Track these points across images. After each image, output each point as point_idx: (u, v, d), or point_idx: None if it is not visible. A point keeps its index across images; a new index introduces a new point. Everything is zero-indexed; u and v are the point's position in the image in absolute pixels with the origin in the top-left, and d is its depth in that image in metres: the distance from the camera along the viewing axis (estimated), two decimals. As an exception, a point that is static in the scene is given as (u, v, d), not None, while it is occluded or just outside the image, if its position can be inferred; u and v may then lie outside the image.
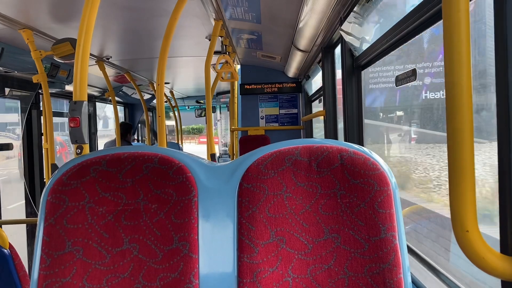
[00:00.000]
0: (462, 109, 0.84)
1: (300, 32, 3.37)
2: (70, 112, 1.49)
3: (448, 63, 0.88)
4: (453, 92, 0.86)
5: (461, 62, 0.87)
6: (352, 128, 2.66)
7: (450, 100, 0.86)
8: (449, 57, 0.88)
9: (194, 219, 1.26)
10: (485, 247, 0.83)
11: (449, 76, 0.87)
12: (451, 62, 0.88)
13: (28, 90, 4.26)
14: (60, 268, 1.22)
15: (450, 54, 0.88)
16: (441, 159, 2.80)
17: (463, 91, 0.85)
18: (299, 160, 1.27)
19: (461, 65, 0.87)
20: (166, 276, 1.24)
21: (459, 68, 0.87)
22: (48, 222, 1.24)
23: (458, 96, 0.85)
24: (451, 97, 0.86)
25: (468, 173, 0.83)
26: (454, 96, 0.85)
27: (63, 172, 1.28)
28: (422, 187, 3.07)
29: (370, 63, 2.45)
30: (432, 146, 3.07)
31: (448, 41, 0.88)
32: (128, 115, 8.47)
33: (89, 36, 1.64)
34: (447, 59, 0.88)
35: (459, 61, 0.87)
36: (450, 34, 0.88)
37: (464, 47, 0.87)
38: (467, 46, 0.87)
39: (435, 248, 2.46)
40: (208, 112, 3.43)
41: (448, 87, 0.87)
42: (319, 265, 1.24)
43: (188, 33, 3.70)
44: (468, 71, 0.86)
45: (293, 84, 5.91)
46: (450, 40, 0.88)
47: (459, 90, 0.86)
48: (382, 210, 1.22)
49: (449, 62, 0.88)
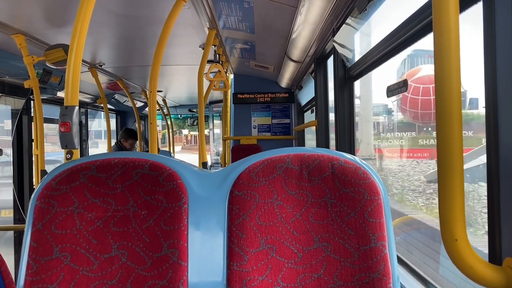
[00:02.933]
0: (451, 120, 0.85)
1: (293, 43, 3.39)
2: (61, 117, 1.49)
3: (438, 73, 0.89)
4: (443, 103, 0.87)
5: (451, 74, 0.88)
6: (344, 137, 2.67)
7: (440, 111, 0.87)
8: (439, 68, 0.89)
9: (183, 226, 1.25)
10: (474, 256, 0.84)
11: (439, 88, 0.88)
12: (441, 71, 0.89)
13: (19, 96, 4.23)
14: (47, 274, 1.21)
15: (440, 65, 0.89)
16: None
17: (452, 103, 0.86)
18: (290, 168, 1.27)
19: (451, 76, 0.88)
20: (154, 283, 1.23)
21: (449, 80, 0.88)
22: (36, 227, 1.23)
23: (447, 107, 0.86)
24: (441, 109, 0.87)
25: (457, 182, 0.83)
26: (444, 108, 0.86)
27: (52, 177, 1.27)
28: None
29: (362, 74, 2.47)
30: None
31: (438, 52, 0.89)
32: (120, 123, 8.43)
33: (82, 42, 1.64)
34: (437, 70, 0.89)
35: (449, 72, 0.88)
36: (440, 46, 0.89)
37: (454, 58, 0.88)
38: (457, 58, 0.88)
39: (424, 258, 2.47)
40: (201, 121, 3.43)
41: (438, 98, 0.88)
42: (309, 274, 1.24)
43: (182, 42, 3.71)
44: (458, 83, 0.87)
45: (285, 94, 5.94)
46: (440, 51, 0.89)
47: (449, 102, 0.87)
48: (372, 220, 1.22)
49: (439, 72, 0.89)
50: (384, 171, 4.54)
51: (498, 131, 0.91)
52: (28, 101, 4.46)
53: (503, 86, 0.91)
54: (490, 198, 0.92)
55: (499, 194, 0.90)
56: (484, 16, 0.97)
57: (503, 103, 0.90)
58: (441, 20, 0.88)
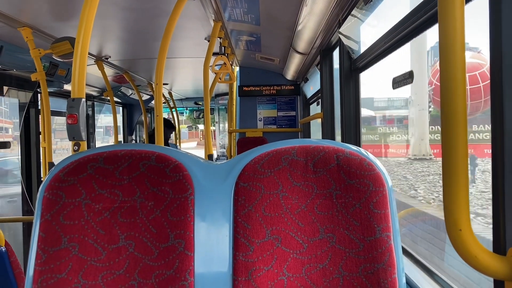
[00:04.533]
0: (456, 109, 0.85)
1: (299, 35, 3.38)
2: (68, 109, 1.50)
3: (443, 64, 0.89)
4: (448, 92, 0.87)
5: (456, 64, 0.88)
6: (350, 129, 2.67)
7: (445, 100, 0.87)
8: (444, 58, 0.89)
9: (190, 217, 1.27)
10: (478, 246, 0.84)
11: (444, 76, 0.88)
12: (446, 63, 0.89)
13: (26, 89, 4.26)
14: (56, 264, 1.23)
15: (445, 55, 0.89)
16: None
17: (457, 92, 0.86)
18: (296, 160, 1.28)
19: (456, 65, 0.88)
20: (161, 273, 1.25)
21: (454, 69, 0.88)
22: (44, 218, 1.25)
23: (452, 96, 0.87)
24: (445, 98, 0.87)
25: (462, 172, 0.84)
26: (449, 96, 0.86)
27: (60, 169, 1.28)
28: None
29: (367, 65, 2.47)
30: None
31: (443, 43, 0.89)
32: (126, 116, 8.46)
33: (88, 35, 1.65)
34: (442, 61, 0.89)
35: (454, 62, 0.88)
36: (445, 37, 0.89)
37: (459, 49, 0.88)
38: (462, 49, 0.88)
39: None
40: (206, 114, 3.44)
41: (443, 88, 0.88)
42: (314, 264, 1.25)
43: (187, 34, 3.71)
44: (463, 71, 0.87)
45: (291, 87, 5.92)
46: (445, 42, 0.89)
47: (454, 90, 0.87)
48: (377, 211, 1.23)
49: (444, 63, 0.89)
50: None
51: (503, 121, 0.91)
52: (35, 94, 4.48)
53: (508, 80, 0.91)
54: (495, 189, 0.92)
55: (504, 185, 0.90)
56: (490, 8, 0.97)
57: (508, 97, 0.90)
58: (447, 11, 0.88)
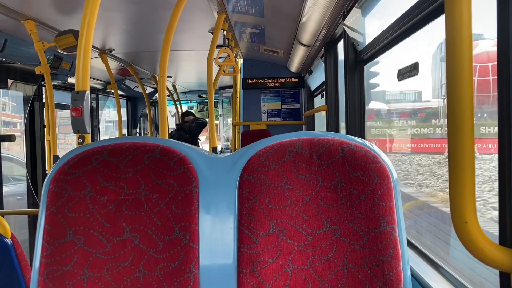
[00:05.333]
0: (462, 99, 0.84)
1: (303, 27, 3.36)
2: (72, 102, 1.50)
3: (450, 56, 0.88)
4: (455, 82, 0.87)
5: (463, 55, 0.87)
6: (354, 121, 2.66)
7: (451, 90, 0.86)
8: (451, 50, 0.88)
9: (195, 210, 1.27)
10: (484, 239, 0.84)
11: (451, 68, 0.87)
12: (452, 54, 0.88)
13: (30, 82, 4.27)
14: (61, 257, 1.23)
15: (451, 47, 0.88)
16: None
17: (464, 82, 0.86)
18: (300, 153, 1.28)
19: (462, 57, 0.87)
20: (166, 265, 1.25)
21: (460, 61, 0.87)
22: (49, 211, 1.25)
23: (459, 86, 0.86)
24: (452, 88, 0.86)
25: (468, 164, 0.83)
26: (455, 86, 0.86)
27: (65, 162, 1.29)
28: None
29: (373, 57, 2.45)
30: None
31: (450, 35, 0.88)
32: (130, 109, 8.48)
33: (92, 27, 1.65)
34: (448, 52, 0.88)
35: (460, 54, 0.87)
36: (452, 28, 0.88)
37: (466, 40, 0.87)
38: (469, 40, 0.87)
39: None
40: (210, 106, 3.44)
41: (450, 78, 0.87)
42: (319, 256, 1.25)
43: (191, 27, 3.70)
44: (470, 63, 0.86)
45: (295, 79, 5.90)
46: (452, 34, 0.88)
47: (460, 80, 0.86)
48: (382, 203, 1.22)
49: (450, 55, 0.88)
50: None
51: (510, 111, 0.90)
52: (40, 87, 4.49)
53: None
54: (502, 181, 0.91)
55: (510, 177, 0.90)
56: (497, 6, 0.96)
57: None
58: (453, 1, 0.87)
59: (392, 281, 1.20)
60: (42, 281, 1.22)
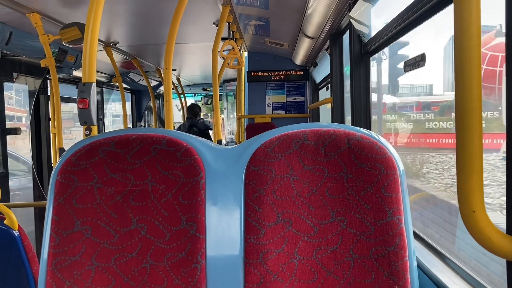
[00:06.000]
0: (471, 88, 0.84)
1: (308, 19, 3.35)
2: (79, 93, 1.50)
3: (458, 46, 0.88)
4: (463, 74, 0.86)
5: (471, 45, 0.86)
6: (360, 113, 2.66)
7: (459, 78, 0.86)
8: (459, 40, 0.88)
9: (201, 201, 1.27)
10: (492, 228, 0.83)
11: (458, 58, 0.87)
12: (461, 44, 0.87)
13: (35, 75, 4.28)
14: (69, 247, 1.24)
15: (460, 37, 0.88)
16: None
17: (472, 74, 0.85)
18: (307, 144, 1.28)
19: (471, 47, 0.86)
20: (173, 255, 1.26)
21: (469, 51, 0.86)
22: (57, 202, 1.26)
23: (467, 78, 0.85)
24: (460, 75, 0.86)
25: (476, 154, 0.83)
26: (464, 78, 0.85)
27: (72, 153, 1.29)
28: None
29: (378, 49, 2.44)
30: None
31: (458, 25, 0.87)
32: (135, 102, 8.49)
33: (98, 19, 1.65)
34: (457, 42, 0.88)
35: (469, 44, 0.87)
36: (460, 18, 0.87)
37: (475, 31, 0.87)
38: (478, 30, 0.87)
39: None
40: (215, 99, 3.43)
41: (458, 69, 0.87)
42: (325, 247, 1.25)
43: (196, 19, 3.69)
44: (478, 53, 0.86)
45: (300, 72, 5.88)
46: (460, 24, 0.87)
47: (468, 72, 0.85)
48: (388, 194, 1.22)
49: (459, 45, 0.88)
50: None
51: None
52: (45, 80, 4.50)
53: None
54: (509, 170, 0.91)
55: None
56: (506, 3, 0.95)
57: None
58: None
59: (398, 271, 1.20)
60: (51, 271, 1.23)
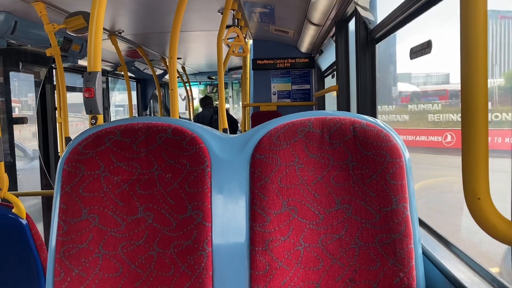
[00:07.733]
0: (477, 74, 0.83)
1: (314, 6, 3.32)
2: (84, 82, 1.51)
3: (464, 35, 0.87)
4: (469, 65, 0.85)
5: (478, 35, 0.85)
6: (365, 101, 2.65)
7: (465, 65, 0.85)
8: (465, 29, 0.87)
9: (207, 189, 1.28)
10: (496, 215, 0.83)
11: (464, 49, 0.86)
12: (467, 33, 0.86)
13: (41, 64, 4.29)
14: (77, 235, 1.26)
15: (466, 26, 0.86)
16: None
17: (478, 65, 0.84)
18: (312, 132, 1.28)
19: (477, 38, 0.85)
20: (180, 243, 1.27)
21: (475, 41, 0.85)
22: (64, 190, 1.27)
23: (473, 69, 0.85)
24: (466, 63, 0.85)
25: (481, 140, 0.83)
26: (469, 62, 0.84)
27: (78, 142, 1.30)
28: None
29: (385, 35, 2.42)
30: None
31: (465, 12, 0.86)
32: (140, 90, 8.50)
33: (103, 7, 1.64)
34: (463, 31, 0.87)
35: (475, 33, 0.85)
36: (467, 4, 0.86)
37: (482, 20, 0.85)
38: (484, 19, 0.85)
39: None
40: (220, 87, 3.43)
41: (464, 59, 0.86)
42: (330, 234, 1.26)
43: (200, 7, 3.67)
44: (485, 42, 0.85)
45: (305, 60, 5.85)
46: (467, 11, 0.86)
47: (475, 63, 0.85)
48: (394, 182, 1.23)
49: (465, 34, 0.87)
50: None
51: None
52: (50, 69, 4.51)
53: None
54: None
55: None
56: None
57: None
58: None
59: (404, 258, 1.21)
60: (59, 259, 1.25)
